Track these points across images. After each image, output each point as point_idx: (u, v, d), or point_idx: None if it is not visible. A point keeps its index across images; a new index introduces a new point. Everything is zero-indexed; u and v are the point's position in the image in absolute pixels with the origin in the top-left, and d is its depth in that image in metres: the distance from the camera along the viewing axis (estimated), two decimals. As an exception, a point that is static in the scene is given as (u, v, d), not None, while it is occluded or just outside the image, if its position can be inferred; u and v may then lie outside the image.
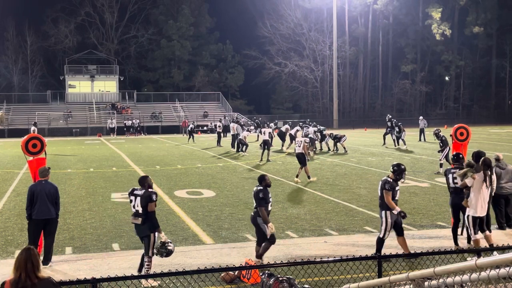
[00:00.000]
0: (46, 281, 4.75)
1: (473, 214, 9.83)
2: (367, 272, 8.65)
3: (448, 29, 76.11)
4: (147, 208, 8.63)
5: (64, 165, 25.72)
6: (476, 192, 9.82)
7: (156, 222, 8.75)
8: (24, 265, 4.67)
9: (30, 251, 4.76)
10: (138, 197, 8.72)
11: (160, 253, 8.63)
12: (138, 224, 8.73)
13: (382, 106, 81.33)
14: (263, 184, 9.56)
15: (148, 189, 8.83)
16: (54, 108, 61.81)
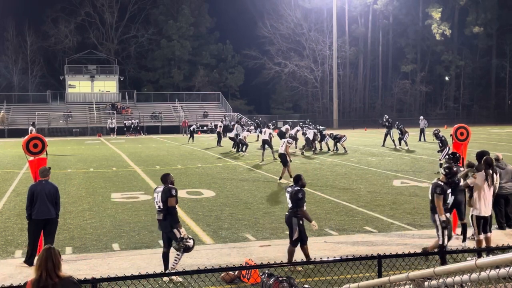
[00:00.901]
0: (67, 280, 4.78)
1: (477, 214, 9.84)
2: (367, 272, 8.65)
3: (448, 29, 76.10)
4: (167, 203, 8.82)
5: (64, 165, 25.72)
6: (478, 192, 9.82)
7: (176, 218, 8.93)
8: (45, 264, 4.70)
9: (50, 250, 4.79)
10: (159, 193, 8.96)
11: (178, 248, 8.80)
12: (161, 220, 8.93)
13: (382, 106, 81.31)
14: (299, 184, 9.55)
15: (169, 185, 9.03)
16: (54, 108, 61.81)
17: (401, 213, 13.68)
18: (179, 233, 8.82)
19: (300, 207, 9.38)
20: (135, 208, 14.76)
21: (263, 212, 13.96)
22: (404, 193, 16.54)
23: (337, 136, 30.93)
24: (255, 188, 17.91)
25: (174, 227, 8.83)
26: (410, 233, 11.70)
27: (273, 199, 15.94)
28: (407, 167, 22.85)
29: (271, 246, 10.74)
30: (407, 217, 13.26)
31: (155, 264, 9.58)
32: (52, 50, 75.46)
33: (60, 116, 59.24)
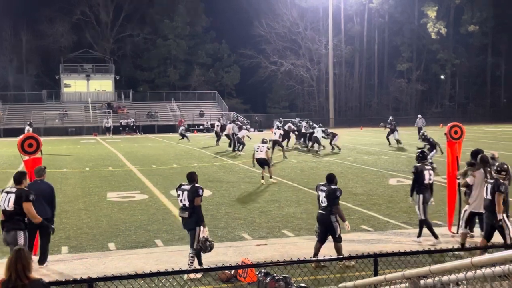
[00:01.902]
0: (37, 282, 4.74)
1: (472, 210, 10.06)
2: (363, 271, 8.67)
3: (444, 27, 76.23)
4: (193, 202, 8.92)
5: (60, 164, 25.68)
6: (477, 189, 9.98)
7: (201, 216, 9.05)
8: (14, 266, 4.66)
9: (20, 252, 4.75)
10: (185, 192, 9.03)
11: (204, 247, 8.91)
12: (185, 218, 9.01)
13: (378, 104, 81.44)
14: (335, 181, 9.72)
15: (195, 184, 9.13)
16: (50, 107, 61.66)
17: (397, 211, 13.71)
18: (204, 232, 8.98)
19: (337, 205, 9.55)
20: (131, 207, 14.75)
21: (260, 211, 13.96)
22: (400, 192, 16.56)
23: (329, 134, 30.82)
24: (251, 187, 17.91)
25: (200, 225, 8.97)
26: (406, 232, 11.72)
27: (270, 198, 15.94)
28: (403, 166, 22.89)
29: (267, 245, 10.75)
30: (403, 215, 13.28)
31: (151, 264, 9.58)
32: (48, 50, 75.20)
33: (56, 116, 59.09)
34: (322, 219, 9.61)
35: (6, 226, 8.43)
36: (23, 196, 8.32)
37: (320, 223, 9.65)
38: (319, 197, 9.69)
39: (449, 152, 11.76)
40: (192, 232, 9.03)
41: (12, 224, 8.38)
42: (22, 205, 8.28)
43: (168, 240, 11.26)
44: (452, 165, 11.38)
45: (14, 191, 8.45)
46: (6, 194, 8.44)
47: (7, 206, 8.35)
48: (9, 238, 8.47)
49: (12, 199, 8.34)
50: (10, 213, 8.34)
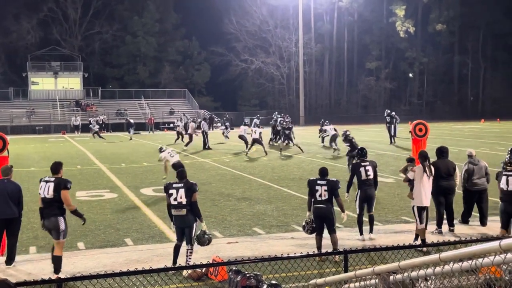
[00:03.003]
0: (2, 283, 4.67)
1: (418, 205, 10.37)
2: (334, 267, 8.73)
3: (412, 26, 77.23)
4: (191, 198, 8.97)
5: (27, 163, 25.28)
6: (418, 184, 10.35)
7: (199, 211, 9.13)
8: None
9: None
10: (180, 189, 9.01)
11: (202, 241, 9.02)
12: (182, 215, 8.99)
13: (347, 102, 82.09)
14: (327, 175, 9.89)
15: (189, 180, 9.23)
16: (17, 105, 60.67)
17: (367, 208, 13.82)
18: (201, 227, 9.09)
19: (339, 197, 9.77)
20: (100, 206, 14.60)
21: (231, 209, 13.96)
22: (370, 188, 16.70)
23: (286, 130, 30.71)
24: (222, 185, 17.89)
25: (201, 220, 9.08)
26: (376, 228, 11.83)
27: (241, 196, 15.95)
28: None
29: (238, 243, 10.76)
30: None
31: (121, 263, 9.50)
32: (14, 46, 73.85)
33: (23, 114, 58.17)
34: (323, 213, 9.68)
35: (46, 213, 8.85)
36: (61, 184, 8.82)
37: (319, 217, 9.72)
38: (315, 192, 9.69)
39: (414, 150, 11.93)
40: (187, 229, 9.04)
41: (52, 211, 8.82)
42: (61, 193, 8.75)
43: (138, 239, 11.19)
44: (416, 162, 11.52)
45: (52, 180, 8.87)
46: (45, 183, 8.86)
47: (47, 194, 8.78)
48: (50, 224, 8.86)
49: (52, 187, 8.77)
50: (50, 200, 8.78)
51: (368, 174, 10.89)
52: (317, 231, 9.82)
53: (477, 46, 79.82)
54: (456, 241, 6.23)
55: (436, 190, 11.40)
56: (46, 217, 8.88)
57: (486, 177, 11.95)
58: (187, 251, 9.09)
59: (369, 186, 10.92)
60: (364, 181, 10.88)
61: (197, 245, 9.12)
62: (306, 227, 9.88)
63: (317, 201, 9.71)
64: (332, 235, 9.76)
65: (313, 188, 9.75)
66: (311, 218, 9.82)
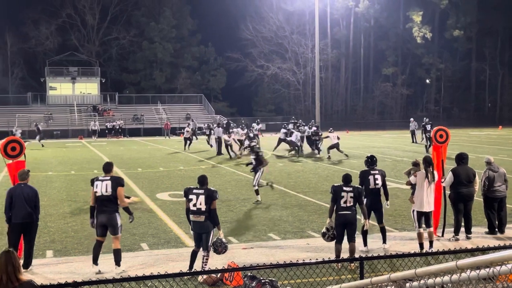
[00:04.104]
0: (27, 284, 4.70)
1: (418, 209, 10.39)
2: (349, 274, 8.68)
3: (429, 32, 76.84)
4: (210, 206, 8.99)
5: (45, 168, 25.48)
6: (419, 189, 10.39)
7: (217, 219, 9.13)
8: (5, 268, 4.62)
9: (10, 253, 4.71)
10: (200, 196, 9.03)
11: (221, 248, 9.00)
12: (200, 221, 9.02)
13: (363, 108, 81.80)
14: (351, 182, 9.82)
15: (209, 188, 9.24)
16: (35, 110, 61.22)
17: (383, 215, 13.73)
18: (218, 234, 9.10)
19: (363, 204, 9.75)
20: (116, 211, 14.65)
21: (246, 215, 13.95)
22: (386, 195, 16.60)
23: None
24: (237, 191, 17.90)
25: (219, 228, 9.10)
26: (392, 235, 11.76)
27: (256, 201, 15.91)
28: (388, 169, 22.97)
29: (253, 248, 10.74)
30: (388, 219, 13.32)
31: (136, 268, 9.52)
32: (33, 52, 74.72)
33: (41, 118, 58.67)
34: (348, 220, 9.53)
35: (102, 210, 9.30)
36: (118, 181, 9.39)
37: (343, 224, 9.55)
38: (340, 198, 9.55)
39: (434, 156, 11.81)
40: (206, 235, 9.07)
41: (110, 207, 9.30)
42: (117, 190, 9.27)
43: (153, 244, 11.22)
44: (437, 168, 11.43)
45: (108, 178, 9.41)
46: (101, 182, 9.33)
47: (104, 191, 9.25)
48: (107, 220, 9.31)
49: (110, 185, 9.28)
50: (107, 198, 9.26)
51: (377, 182, 10.69)
52: (337, 239, 9.61)
53: (495, 52, 79.18)
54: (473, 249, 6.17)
55: (456, 197, 11.30)
56: (102, 214, 9.29)
57: (505, 184, 11.84)
58: (203, 257, 9.09)
59: (377, 195, 10.69)
60: (371, 189, 10.64)
61: (213, 252, 9.12)
62: (326, 234, 9.62)
63: (341, 208, 9.54)
64: (352, 243, 9.59)
65: (338, 195, 9.59)
66: (331, 225, 9.62)
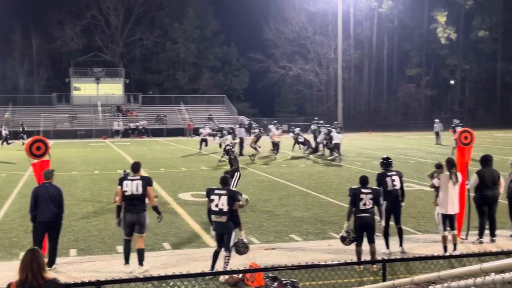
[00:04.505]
0: (52, 282, 4.76)
1: (442, 212, 10.31)
2: (371, 276, 8.64)
3: (454, 33, 76.03)
4: (232, 206, 9.02)
5: (69, 167, 25.77)
6: (443, 191, 10.28)
7: (239, 220, 9.16)
8: (30, 266, 4.68)
9: (35, 252, 4.78)
10: (222, 196, 9.06)
11: (242, 248, 9.05)
12: (222, 222, 9.05)
13: (386, 109, 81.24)
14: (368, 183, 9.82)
15: (231, 188, 9.34)
16: (60, 110, 61.91)
17: (406, 217, 13.62)
18: (240, 235, 9.14)
19: (380, 206, 9.75)
20: (139, 210, 14.75)
21: (268, 215, 13.96)
22: (409, 197, 16.46)
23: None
24: (259, 191, 17.91)
25: (240, 228, 9.13)
26: (415, 237, 11.68)
27: (278, 202, 15.92)
28: (412, 171, 22.81)
29: (275, 249, 10.74)
30: (411, 221, 13.24)
31: (158, 267, 9.58)
32: (58, 53, 75.64)
33: (66, 119, 59.36)
34: (367, 222, 9.48)
35: (131, 209, 9.47)
36: (148, 181, 9.61)
37: (362, 226, 9.49)
38: (359, 201, 9.47)
39: (458, 158, 11.69)
40: (228, 235, 9.10)
41: (140, 206, 9.51)
42: (147, 189, 9.47)
43: (175, 244, 11.27)
44: (461, 170, 11.31)
45: (138, 178, 9.60)
46: (131, 181, 9.52)
47: (135, 191, 9.45)
48: (136, 218, 9.47)
49: (140, 184, 9.47)
50: (139, 197, 9.47)
51: (395, 184, 10.55)
52: (357, 242, 9.53)
53: (521, 53, 78.10)
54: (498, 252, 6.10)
55: (480, 199, 11.17)
56: (132, 212, 9.45)
57: None
58: (225, 258, 9.12)
59: (396, 196, 10.58)
60: (390, 191, 10.51)
61: (235, 252, 9.13)
62: (346, 238, 9.50)
63: (360, 210, 9.46)
64: (372, 245, 9.54)
65: (356, 197, 9.51)
66: (350, 229, 9.53)
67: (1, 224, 13.17)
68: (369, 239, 9.55)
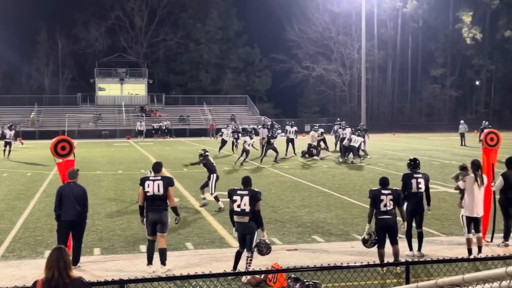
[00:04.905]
0: (77, 280, 4.81)
1: (467, 215, 10.19)
2: (395, 278, 8.57)
3: (479, 33, 75.13)
4: (254, 207, 9.00)
5: (93, 167, 26.02)
6: (469, 194, 10.16)
7: (261, 220, 9.15)
8: (56, 264, 4.73)
9: (61, 250, 4.83)
10: (244, 197, 9.06)
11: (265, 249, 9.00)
12: (244, 222, 9.05)
13: (410, 110, 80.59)
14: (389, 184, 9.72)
15: (253, 189, 9.25)
16: (84, 110, 62.62)
17: (430, 219, 13.51)
18: (262, 235, 9.11)
19: (402, 207, 9.64)
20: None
21: (290, 216, 13.93)
22: (433, 198, 16.21)
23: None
24: (281, 192, 17.89)
25: (262, 229, 9.12)
26: (439, 240, 11.57)
27: (300, 203, 15.89)
28: (436, 173, 22.60)
29: (297, 250, 10.71)
30: (435, 223, 13.12)
31: (181, 267, 9.62)
32: (83, 53, 76.49)
33: (90, 119, 59.99)
34: (389, 223, 9.36)
35: (154, 209, 9.54)
36: (170, 181, 9.71)
37: (383, 228, 9.38)
38: (379, 202, 9.36)
39: (484, 159, 11.54)
40: (250, 236, 9.09)
41: (161, 206, 9.57)
42: (168, 189, 9.55)
43: (198, 243, 11.31)
44: (487, 172, 11.16)
45: (159, 178, 9.67)
46: (153, 182, 9.60)
47: (157, 191, 9.52)
48: (158, 217, 9.51)
49: (162, 185, 9.54)
50: (159, 197, 9.53)
51: (420, 186, 10.39)
52: (379, 244, 9.42)
53: (548, 53, 76.91)
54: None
55: (506, 201, 11.02)
56: (153, 212, 9.50)
57: None
58: (247, 258, 9.11)
59: (419, 199, 10.42)
60: (414, 193, 10.37)
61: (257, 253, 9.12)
62: (368, 241, 9.40)
63: (381, 212, 9.36)
64: (395, 246, 9.43)
65: (377, 198, 9.40)
66: (372, 231, 9.43)
67: (26, 223, 13.36)
68: (392, 240, 9.44)
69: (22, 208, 15.34)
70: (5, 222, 13.51)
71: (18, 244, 11.32)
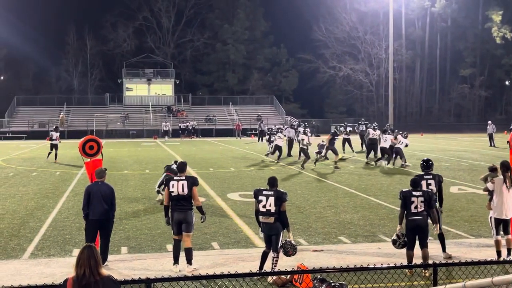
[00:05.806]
0: (107, 278, 4.87)
1: (496, 216, 9.98)
2: (422, 280, 8.48)
3: (509, 32, 73.96)
4: (280, 207, 8.98)
5: (121, 166, 26.26)
6: (498, 195, 9.95)
7: (287, 221, 9.11)
8: (88, 262, 4.79)
9: (92, 248, 4.89)
10: (270, 197, 9.04)
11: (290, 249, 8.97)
12: (270, 223, 9.04)
13: (439, 110, 79.71)
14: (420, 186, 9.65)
15: (279, 189, 9.21)
16: (112, 110, 63.30)
17: (458, 220, 13.36)
18: (287, 236, 9.09)
19: (433, 208, 9.46)
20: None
21: (316, 217, 13.88)
22: (462, 200, 16.14)
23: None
24: (307, 192, 17.84)
25: (288, 229, 9.09)
26: (467, 241, 11.41)
27: (326, 203, 15.82)
28: (465, 174, 22.32)
29: (323, 251, 10.67)
30: (464, 224, 12.95)
31: (207, 266, 9.65)
32: (111, 54, 77.38)
33: (118, 119, 60.62)
34: (420, 225, 9.23)
35: (179, 208, 9.60)
36: (194, 181, 9.70)
37: (413, 229, 9.25)
38: (410, 203, 9.26)
39: (511, 161, 11.35)
40: (276, 236, 9.07)
41: (187, 206, 9.61)
42: (192, 189, 9.57)
43: (224, 243, 11.34)
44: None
45: (183, 178, 9.67)
46: (177, 182, 9.61)
47: (181, 191, 9.54)
48: (183, 217, 9.58)
49: (186, 185, 9.56)
50: (184, 197, 9.56)
51: (430, 188, 10.20)
52: (409, 245, 9.31)
53: None
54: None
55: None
56: (179, 211, 9.56)
57: None
58: (273, 259, 9.09)
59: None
60: None
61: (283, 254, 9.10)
62: (397, 242, 9.32)
63: (412, 213, 9.23)
64: (424, 249, 9.26)
65: (407, 200, 9.30)
66: (402, 232, 9.32)
67: (55, 221, 13.54)
68: (422, 243, 9.29)
69: (51, 206, 15.56)
70: (35, 220, 13.71)
71: (47, 242, 11.48)
